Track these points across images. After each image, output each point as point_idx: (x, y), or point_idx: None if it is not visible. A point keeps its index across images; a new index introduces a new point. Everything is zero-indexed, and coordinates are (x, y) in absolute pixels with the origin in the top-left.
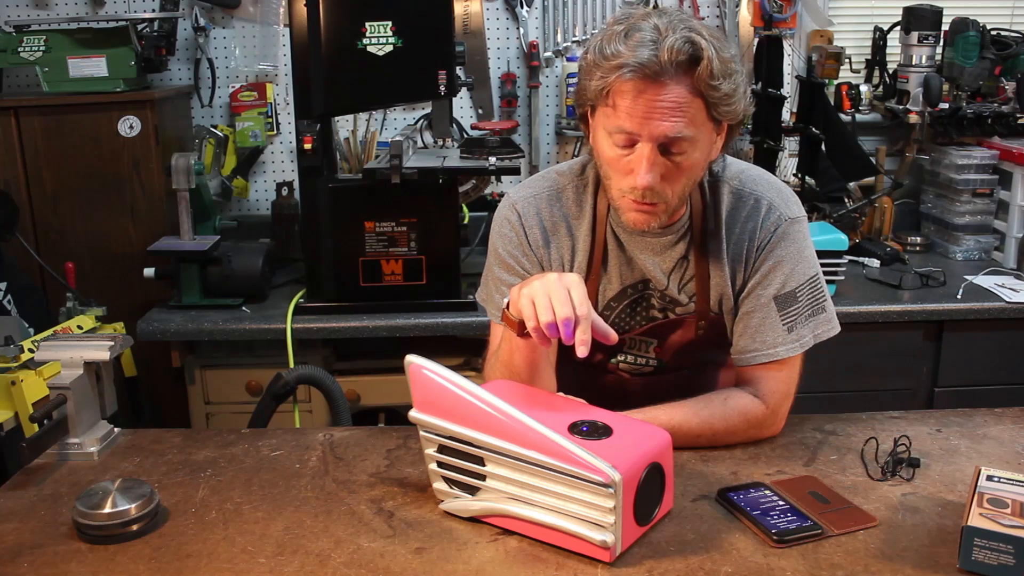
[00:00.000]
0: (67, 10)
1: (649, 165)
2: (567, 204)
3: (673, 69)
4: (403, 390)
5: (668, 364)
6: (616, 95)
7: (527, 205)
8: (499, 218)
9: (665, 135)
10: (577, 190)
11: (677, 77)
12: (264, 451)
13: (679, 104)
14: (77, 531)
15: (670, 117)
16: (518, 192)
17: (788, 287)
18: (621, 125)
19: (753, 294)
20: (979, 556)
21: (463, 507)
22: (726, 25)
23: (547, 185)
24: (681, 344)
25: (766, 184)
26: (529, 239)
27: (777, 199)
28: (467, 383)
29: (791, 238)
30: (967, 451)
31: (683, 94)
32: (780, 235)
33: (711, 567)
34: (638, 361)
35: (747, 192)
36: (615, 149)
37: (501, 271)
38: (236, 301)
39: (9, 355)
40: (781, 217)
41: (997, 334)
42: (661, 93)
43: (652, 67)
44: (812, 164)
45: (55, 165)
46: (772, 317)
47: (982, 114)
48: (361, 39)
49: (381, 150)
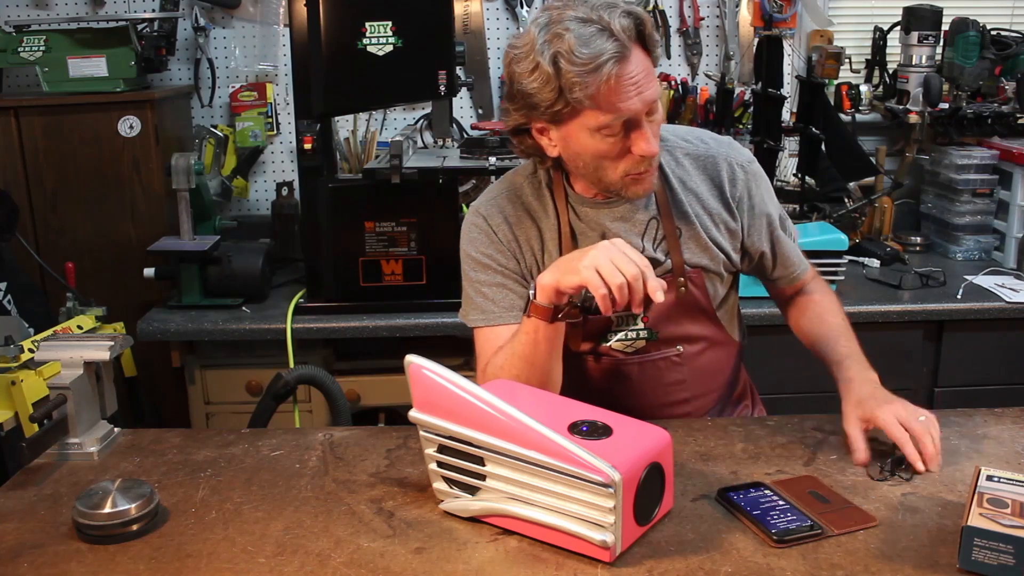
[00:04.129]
0: (67, 10)
1: (650, 135)
2: (527, 199)
3: (630, 42)
4: (403, 390)
5: (659, 331)
6: (600, 95)
7: (489, 207)
8: (466, 226)
9: (651, 101)
10: (534, 187)
11: (634, 46)
12: (264, 451)
13: (646, 69)
14: (77, 531)
15: (647, 84)
16: (478, 201)
17: (777, 212)
18: (617, 116)
19: (765, 234)
20: (979, 556)
21: (463, 507)
22: (726, 25)
23: (504, 187)
24: (667, 308)
25: (714, 142)
26: (499, 235)
27: (731, 152)
28: (467, 383)
29: (759, 177)
30: (967, 451)
31: (643, 59)
32: (752, 180)
33: (711, 567)
34: (628, 336)
35: (703, 153)
36: (607, 141)
37: (478, 273)
38: (236, 301)
39: (9, 355)
40: (744, 166)
41: (997, 334)
42: (633, 68)
43: (620, 52)
44: (812, 164)
45: (55, 165)
46: (786, 241)
47: (982, 114)
48: (361, 39)
49: (381, 150)
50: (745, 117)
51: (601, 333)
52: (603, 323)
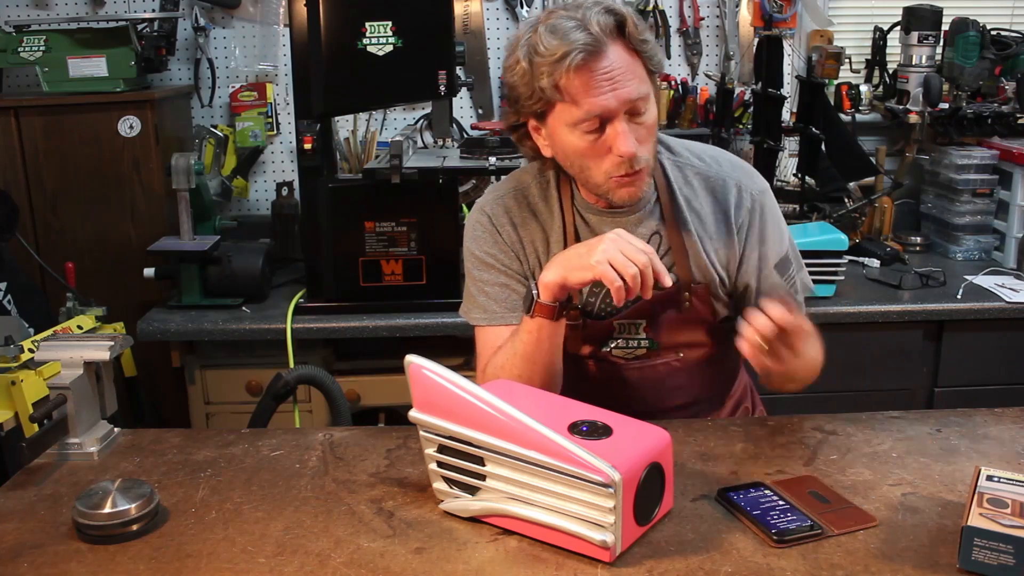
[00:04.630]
0: (67, 10)
1: (626, 134)
2: (533, 200)
3: (607, 38)
4: (403, 390)
5: (660, 342)
6: (570, 87)
7: (495, 206)
8: (470, 224)
9: (629, 99)
10: (541, 186)
11: (613, 42)
12: (264, 451)
13: (626, 66)
14: (77, 531)
15: (626, 82)
16: (484, 198)
17: (781, 253)
18: (587, 111)
19: (754, 268)
20: (979, 556)
21: (463, 507)
22: (726, 25)
23: (511, 186)
24: (670, 320)
25: (729, 165)
26: (503, 235)
27: (744, 178)
28: (467, 383)
29: (768, 208)
30: (967, 451)
31: (624, 56)
32: (758, 211)
33: (711, 567)
34: (630, 344)
35: (713, 176)
36: (585, 137)
37: (481, 272)
38: (236, 301)
39: (9, 355)
40: (753, 195)
41: (997, 334)
42: (608, 63)
43: (591, 44)
44: (812, 164)
45: (55, 165)
46: (774, 281)
47: (982, 114)
48: (361, 39)
49: (381, 150)
50: (745, 117)
51: (602, 338)
52: (605, 328)
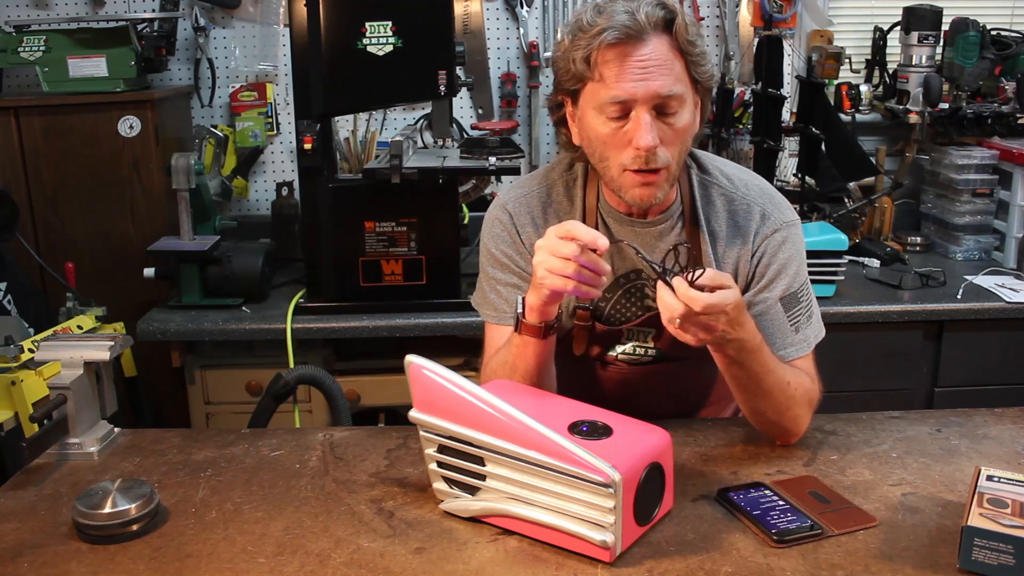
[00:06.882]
0: (67, 10)
1: (648, 126)
2: (558, 200)
3: (651, 28)
4: (403, 390)
5: (667, 353)
6: (602, 64)
7: (518, 205)
8: (490, 219)
9: (658, 93)
10: (567, 185)
11: (657, 35)
12: (264, 451)
13: (664, 61)
14: (77, 531)
15: (659, 75)
16: (508, 193)
17: (792, 288)
18: (614, 94)
19: (759, 297)
20: (979, 556)
21: (463, 507)
22: (726, 25)
23: (536, 184)
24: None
25: (757, 191)
26: (522, 237)
27: (770, 206)
28: (467, 383)
29: (791, 242)
30: (967, 451)
31: (665, 51)
32: (780, 240)
33: (711, 567)
34: (637, 352)
35: (739, 198)
36: (609, 124)
37: (496, 270)
38: (236, 301)
39: (9, 355)
40: (779, 223)
41: (997, 334)
42: (646, 52)
43: (633, 27)
44: (812, 164)
45: (55, 165)
46: (780, 319)
47: (982, 114)
48: (361, 39)
49: (381, 150)
50: (745, 117)
51: (610, 343)
52: (614, 333)
